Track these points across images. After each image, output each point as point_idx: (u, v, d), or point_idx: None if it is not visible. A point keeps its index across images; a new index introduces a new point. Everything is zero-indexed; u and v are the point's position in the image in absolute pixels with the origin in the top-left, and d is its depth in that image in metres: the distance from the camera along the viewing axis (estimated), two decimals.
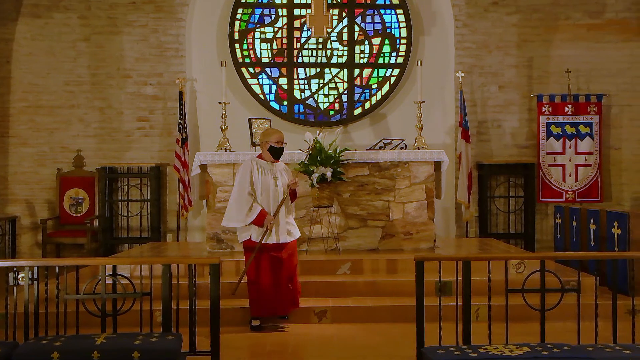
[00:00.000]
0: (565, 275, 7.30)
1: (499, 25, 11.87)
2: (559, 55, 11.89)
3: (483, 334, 5.26)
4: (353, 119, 11.90)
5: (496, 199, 11.85)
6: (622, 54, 11.97)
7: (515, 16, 11.89)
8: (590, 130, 11.69)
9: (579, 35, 11.93)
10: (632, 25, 12.00)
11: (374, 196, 9.08)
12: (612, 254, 7.50)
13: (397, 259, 8.31)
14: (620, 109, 11.98)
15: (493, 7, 11.89)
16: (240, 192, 6.95)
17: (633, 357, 4.55)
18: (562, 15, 11.94)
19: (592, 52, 11.92)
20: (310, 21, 10.50)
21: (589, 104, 11.72)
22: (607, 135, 11.91)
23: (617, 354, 4.61)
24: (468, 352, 4.65)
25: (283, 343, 6.53)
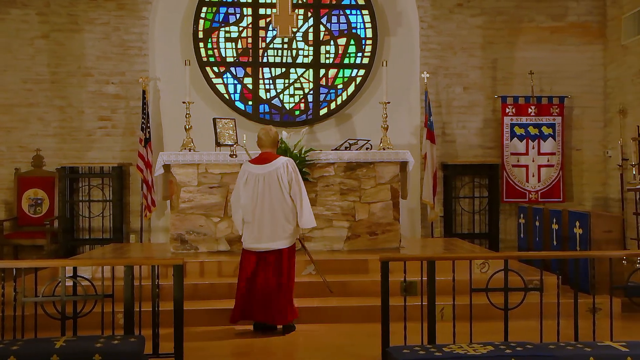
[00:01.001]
0: (529, 275, 7.34)
1: (463, 27, 11.95)
2: (522, 57, 12.02)
3: (448, 333, 5.26)
4: (319, 119, 11.87)
5: (461, 199, 11.92)
6: (584, 57, 12.14)
7: (480, 18, 11.98)
8: (553, 132, 11.83)
9: (542, 38, 12.07)
10: (593, 29, 12.18)
11: (339, 196, 9.06)
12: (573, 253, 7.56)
13: (362, 259, 8.29)
14: (581, 110, 12.15)
15: (458, 9, 11.96)
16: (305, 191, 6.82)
17: (594, 354, 4.60)
18: (526, 18, 12.06)
19: (554, 54, 12.07)
20: (275, 21, 10.44)
21: (551, 106, 11.86)
22: (569, 137, 12.06)
23: (579, 351, 4.66)
24: (433, 351, 4.67)
25: (249, 344, 6.47)
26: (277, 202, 6.68)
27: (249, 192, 6.73)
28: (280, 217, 6.70)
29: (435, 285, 5.24)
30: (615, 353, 4.64)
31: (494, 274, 5.38)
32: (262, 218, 6.69)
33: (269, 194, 6.68)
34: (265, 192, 6.68)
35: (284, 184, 6.67)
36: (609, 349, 4.72)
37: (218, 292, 7.67)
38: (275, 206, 6.68)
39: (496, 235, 11.76)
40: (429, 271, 5.24)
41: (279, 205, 6.68)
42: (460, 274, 5.50)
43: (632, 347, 4.74)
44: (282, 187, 6.68)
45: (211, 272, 8.11)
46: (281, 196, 6.68)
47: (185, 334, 5.38)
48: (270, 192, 6.68)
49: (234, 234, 8.85)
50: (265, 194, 6.68)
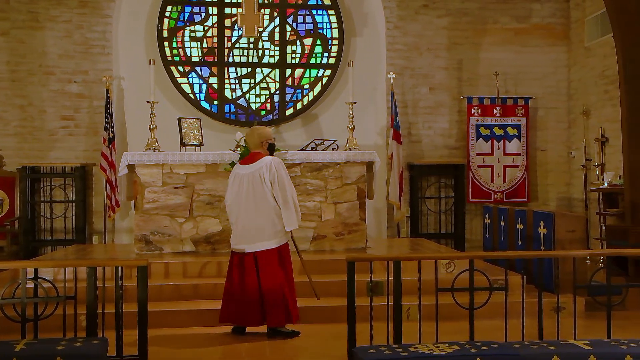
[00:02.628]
0: (494, 274, 7.37)
1: (429, 28, 12.01)
2: (487, 58, 12.11)
3: (414, 333, 5.25)
4: (285, 119, 11.83)
5: (427, 199, 11.97)
6: (548, 58, 12.27)
7: (446, 19, 12.05)
8: (518, 132, 11.94)
9: (506, 39, 12.18)
10: (557, 30, 12.32)
11: (305, 197, 9.01)
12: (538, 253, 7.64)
13: (328, 260, 8.25)
14: (546, 111, 12.28)
15: (424, 10, 12.01)
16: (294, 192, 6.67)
17: (557, 352, 4.64)
18: (491, 20, 12.16)
19: (519, 55, 12.19)
20: (241, 20, 10.36)
21: (516, 107, 11.97)
22: (533, 137, 12.18)
23: (543, 350, 4.69)
24: (399, 351, 4.66)
25: (213, 345, 6.39)
26: (261, 202, 6.52)
27: (234, 193, 6.64)
28: (264, 218, 6.53)
29: (401, 285, 5.22)
30: (579, 351, 4.67)
31: (459, 274, 5.38)
32: (246, 219, 6.56)
33: (253, 195, 6.54)
34: (249, 193, 6.55)
35: (267, 184, 6.52)
36: (573, 347, 4.75)
37: (183, 293, 7.58)
38: (260, 207, 6.52)
39: (462, 235, 11.84)
40: (395, 271, 5.22)
41: (263, 205, 6.52)
42: (426, 274, 5.49)
43: (595, 345, 4.78)
44: (265, 187, 6.52)
45: (176, 273, 8.00)
46: (265, 197, 6.52)
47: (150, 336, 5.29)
48: (254, 192, 6.54)
49: (200, 235, 8.78)
50: (249, 195, 6.55)
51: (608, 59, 11.00)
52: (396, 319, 5.18)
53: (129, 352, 5.40)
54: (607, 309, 5.33)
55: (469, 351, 4.59)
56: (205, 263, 8.08)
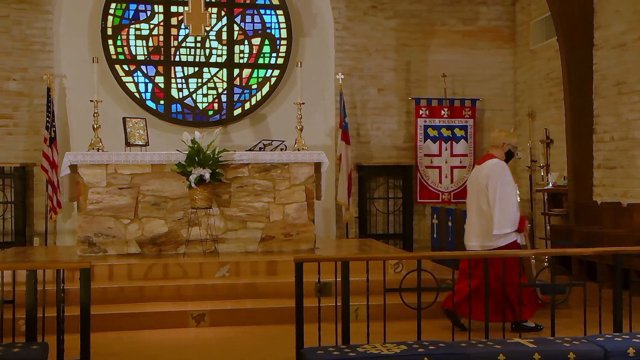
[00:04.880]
0: (441, 274, 7.40)
1: (378, 29, 12.04)
2: (435, 60, 12.20)
3: (362, 333, 5.23)
4: (233, 119, 11.72)
5: (375, 200, 12.00)
6: (494, 61, 12.44)
7: (394, 21, 12.09)
8: (465, 133, 12.06)
9: (454, 41, 12.29)
10: (503, 33, 12.49)
11: (253, 197, 8.93)
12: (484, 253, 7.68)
13: (276, 261, 8.21)
14: (492, 113, 12.44)
15: (372, 11, 12.04)
16: (513, 195, 6.66)
17: (503, 351, 4.66)
18: (438, 22, 12.25)
19: (466, 57, 12.31)
20: (187, 19, 10.20)
21: (463, 108, 12.09)
22: (480, 138, 12.31)
23: (489, 349, 4.71)
24: (347, 351, 4.63)
25: (160, 348, 6.27)
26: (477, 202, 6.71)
27: (468, 190, 6.87)
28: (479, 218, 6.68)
29: (350, 286, 5.18)
30: (524, 349, 4.71)
31: (407, 274, 5.37)
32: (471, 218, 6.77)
33: (475, 195, 6.73)
34: (472, 193, 6.78)
35: (482, 186, 6.63)
36: (518, 345, 4.79)
37: (128, 296, 7.44)
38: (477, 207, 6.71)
39: (410, 235, 11.90)
40: (343, 272, 5.19)
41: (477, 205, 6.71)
42: (374, 275, 5.47)
43: (539, 343, 4.83)
44: (480, 188, 6.65)
45: (121, 275, 7.85)
46: (479, 197, 6.69)
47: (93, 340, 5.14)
48: (476, 192, 6.72)
49: (145, 236, 8.63)
50: (472, 194, 6.77)
51: (552, 61, 11.19)
52: (344, 319, 5.15)
53: (71, 356, 5.25)
54: (551, 308, 5.39)
55: (416, 351, 4.59)
56: (151, 265, 7.96)
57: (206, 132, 9.39)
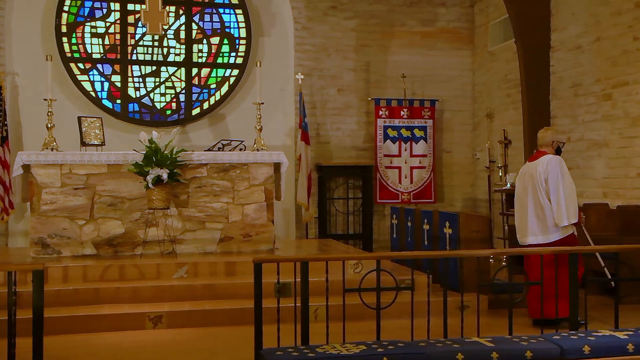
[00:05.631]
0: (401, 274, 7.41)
1: (337, 29, 12.04)
2: (395, 61, 12.24)
3: (322, 333, 5.20)
4: (191, 119, 11.60)
5: (335, 200, 11.98)
6: (454, 62, 12.52)
7: (354, 21, 12.10)
8: (425, 134, 12.12)
9: (413, 42, 12.35)
10: (462, 35, 12.59)
11: (212, 198, 8.84)
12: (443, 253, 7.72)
13: (235, 261, 8.15)
14: (452, 114, 12.52)
15: (332, 12, 12.03)
16: (573, 188, 6.80)
17: (462, 350, 4.69)
18: (398, 22, 12.30)
19: (426, 58, 12.38)
20: (145, 17, 10.05)
21: (423, 109, 12.14)
22: (440, 139, 12.39)
23: (448, 348, 4.74)
24: (306, 352, 4.61)
25: (116, 351, 6.16)
26: (533, 198, 6.85)
27: (519, 188, 7.03)
28: (535, 214, 6.84)
29: (309, 286, 5.16)
30: (482, 348, 4.74)
31: (366, 274, 5.36)
32: (523, 213, 6.93)
33: (530, 190, 6.88)
34: (526, 188, 6.91)
35: (540, 181, 6.79)
36: (476, 344, 4.82)
37: (83, 298, 7.28)
38: (532, 202, 6.85)
39: (370, 235, 11.91)
40: (302, 272, 5.16)
41: (534, 201, 6.84)
42: (334, 275, 5.45)
43: (497, 342, 4.86)
44: (538, 183, 6.81)
45: (75, 277, 7.70)
46: (536, 193, 6.84)
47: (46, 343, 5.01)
48: (531, 188, 6.87)
49: (101, 237, 8.48)
50: (526, 190, 6.91)
51: (510, 63, 11.31)
52: (303, 320, 5.12)
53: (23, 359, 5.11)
54: (509, 307, 5.42)
55: (375, 351, 4.58)
56: (107, 266, 7.82)
57: (164, 131, 9.29)
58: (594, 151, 9.39)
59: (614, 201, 8.77)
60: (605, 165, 9.11)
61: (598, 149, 9.37)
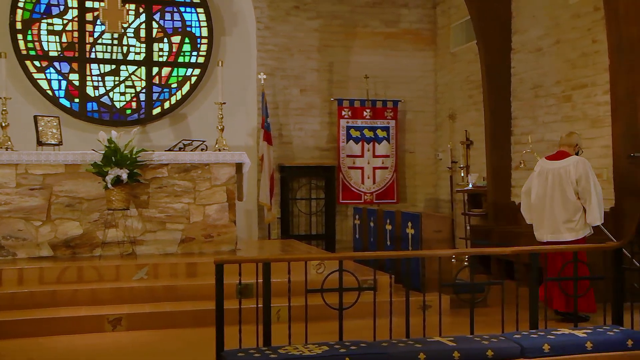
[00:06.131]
0: (363, 275, 7.39)
1: (300, 29, 12.00)
2: (358, 61, 12.25)
3: (284, 334, 5.16)
4: (152, 118, 11.46)
5: (298, 200, 11.94)
6: (416, 63, 12.58)
7: (317, 21, 12.08)
8: (387, 135, 12.14)
9: (376, 43, 12.37)
10: (424, 36, 12.65)
11: (173, 198, 8.74)
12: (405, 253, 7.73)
13: (197, 262, 8.07)
14: (414, 114, 12.57)
15: (295, 11, 11.99)
16: (601, 191, 6.99)
17: (424, 349, 4.70)
18: (361, 23, 12.31)
19: (388, 59, 12.41)
20: (103, 15, 9.88)
21: (385, 109, 12.17)
22: (402, 140, 12.43)
23: (410, 347, 4.75)
24: (268, 353, 4.60)
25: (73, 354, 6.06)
26: (562, 196, 6.96)
27: (540, 184, 7.12)
28: (563, 211, 6.95)
29: (271, 287, 5.12)
30: (444, 348, 4.77)
31: (329, 275, 5.34)
32: (549, 209, 7.03)
33: (559, 188, 6.99)
34: (554, 186, 7.02)
35: (571, 180, 6.93)
36: (438, 344, 4.84)
37: (39, 301, 7.13)
38: (561, 200, 6.97)
39: (332, 236, 11.90)
40: (264, 273, 5.13)
41: (563, 199, 6.96)
42: (296, 275, 5.42)
43: (459, 341, 4.89)
44: (569, 182, 6.94)
45: (31, 279, 7.54)
46: (565, 191, 6.95)
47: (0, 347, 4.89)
48: (559, 186, 6.99)
49: (58, 238, 8.31)
50: (554, 188, 7.01)
51: (472, 64, 11.40)
52: (265, 321, 5.09)
53: None
54: (471, 306, 5.44)
55: (338, 351, 4.58)
56: (65, 268, 7.68)
57: (124, 131, 9.16)
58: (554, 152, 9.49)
59: None
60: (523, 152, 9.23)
61: None
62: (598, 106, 8.73)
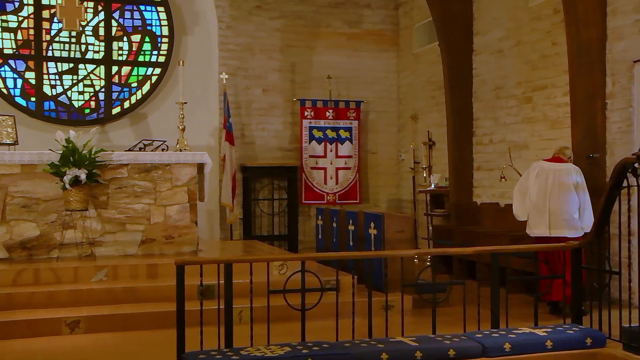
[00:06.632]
0: (326, 275, 7.38)
1: (263, 29, 11.94)
2: (320, 62, 12.23)
3: (246, 336, 5.13)
4: (111, 118, 11.30)
5: (260, 201, 11.88)
6: (379, 63, 12.61)
7: (279, 21, 12.03)
8: (350, 135, 12.14)
9: (339, 44, 12.37)
10: (387, 37, 12.69)
11: (133, 199, 8.61)
12: (368, 253, 7.75)
13: (157, 264, 7.98)
14: (377, 115, 12.60)
15: (257, 11, 11.93)
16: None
17: (386, 349, 4.73)
18: (324, 23, 12.29)
19: (351, 59, 12.42)
20: (60, 12, 9.72)
21: (348, 110, 12.17)
22: (365, 140, 12.44)
23: (372, 348, 4.77)
24: (230, 355, 4.62)
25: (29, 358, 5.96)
26: (565, 194, 7.27)
27: (541, 183, 7.40)
28: (563, 208, 7.25)
29: (233, 288, 5.09)
30: (406, 347, 4.79)
31: (291, 275, 5.33)
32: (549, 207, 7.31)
33: (562, 188, 7.31)
34: (555, 185, 7.33)
35: (572, 181, 7.30)
36: (400, 344, 4.87)
37: None
38: (561, 198, 7.27)
39: (295, 236, 11.87)
40: (226, 274, 5.10)
41: (563, 197, 7.27)
42: (258, 276, 5.38)
43: (421, 341, 4.92)
44: (571, 182, 7.30)
45: None
46: (569, 190, 7.29)
47: None
48: (560, 185, 7.31)
49: (14, 240, 8.14)
50: (555, 186, 7.32)
51: (435, 65, 11.45)
52: (227, 322, 5.08)
53: None
54: (433, 306, 5.46)
55: (300, 352, 4.59)
56: (21, 270, 7.52)
57: (82, 131, 9.01)
58: (515, 153, 9.58)
59: None
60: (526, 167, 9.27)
61: (519, 150, 9.57)
62: (558, 107, 8.84)
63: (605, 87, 7.98)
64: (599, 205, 5.79)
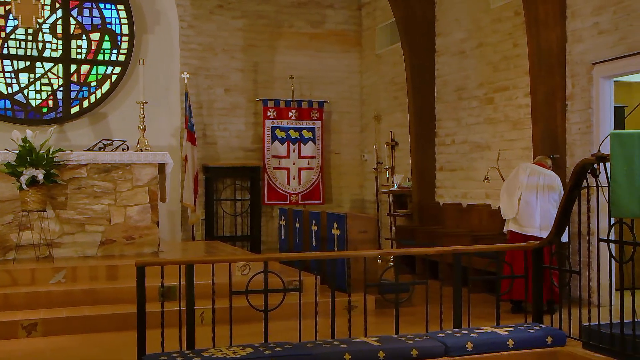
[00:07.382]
0: (289, 276, 7.36)
1: (224, 29, 11.86)
2: (283, 62, 12.20)
3: (208, 337, 5.07)
4: (70, 117, 11.12)
5: (223, 201, 11.80)
6: (342, 64, 12.61)
7: (241, 21, 11.97)
8: (313, 135, 12.13)
9: (302, 44, 12.35)
10: (350, 37, 12.70)
11: (92, 199, 8.48)
12: (331, 253, 7.73)
13: (117, 265, 7.86)
14: (340, 115, 12.60)
15: (219, 10, 11.85)
16: None
17: (349, 350, 4.73)
18: (286, 23, 12.26)
19: (314, 60, 12.41)
20: (16, 9, 9.54)
21: (311, 110, 12.15)
22: (328, 140, 12.44)
23: (335, 348, 4.76)
24: (191, 356, 4.59)
25: None
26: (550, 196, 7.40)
27: (531, 183, 7.48)
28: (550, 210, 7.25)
29: (195, 290, 5.04)
30: (369, 348, 4.79)
31: (253, 276, 5.30)
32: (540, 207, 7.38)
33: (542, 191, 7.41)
34: (536, 187, 7.44)
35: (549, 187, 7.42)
36: (363, 344, 4.87)
37: None
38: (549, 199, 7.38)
39: (258, 237, 11.81)
40: (187, 275, 5.05)
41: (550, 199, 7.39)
42: (221, 277, 5.35)
43: (383, 341, 4.92)
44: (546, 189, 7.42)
45: None
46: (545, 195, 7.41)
47: None
48: (542, 189, 7.42)
49: None
50: (535, 189, 7.43)
51: (397, 66, 11.50)
52: (189, 324, 5.03)
53: None
54: (395, 306, 5.47)
55: (262, 353, 4.56)
56: None
57: (39, 130, 8.83)
58: (477, 153, 9.67)
59: (495, 202, 9.03)
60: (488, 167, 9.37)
61: (481, 151, 9.65)
62: (519, 108, 8.93)
63: (565, 89, 8.08)
64: (559, 205, 5.85)
